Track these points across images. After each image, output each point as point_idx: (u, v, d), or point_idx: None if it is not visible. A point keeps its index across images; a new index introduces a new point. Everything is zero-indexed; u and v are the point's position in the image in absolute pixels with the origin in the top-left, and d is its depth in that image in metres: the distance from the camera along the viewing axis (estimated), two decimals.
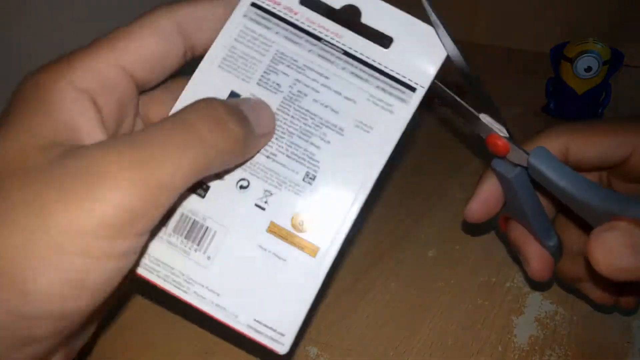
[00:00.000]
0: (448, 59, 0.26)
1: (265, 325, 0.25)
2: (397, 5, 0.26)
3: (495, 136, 0.27)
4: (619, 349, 0.32)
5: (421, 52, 0.26)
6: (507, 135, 0.27)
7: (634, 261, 0.21)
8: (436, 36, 0.25)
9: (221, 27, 0.26)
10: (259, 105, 0.25)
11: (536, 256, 0.30)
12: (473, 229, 0.41)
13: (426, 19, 0.25)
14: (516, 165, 0.27)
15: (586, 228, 0.25)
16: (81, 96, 0.21)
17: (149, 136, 0.20)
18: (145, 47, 0.23)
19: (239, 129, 0.22)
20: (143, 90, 0.25)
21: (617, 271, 0.22)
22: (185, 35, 0.24)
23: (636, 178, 0.27)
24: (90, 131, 0.22)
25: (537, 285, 0.36)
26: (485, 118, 0.27)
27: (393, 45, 0.26)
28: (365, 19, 0.26)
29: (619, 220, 0.22)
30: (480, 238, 0.40)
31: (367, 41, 0.26)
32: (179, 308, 0.33)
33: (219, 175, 0.25)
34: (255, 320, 0.25)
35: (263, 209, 0.25)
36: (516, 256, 0.33)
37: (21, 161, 0.19)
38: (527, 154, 0.26)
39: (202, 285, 0.25)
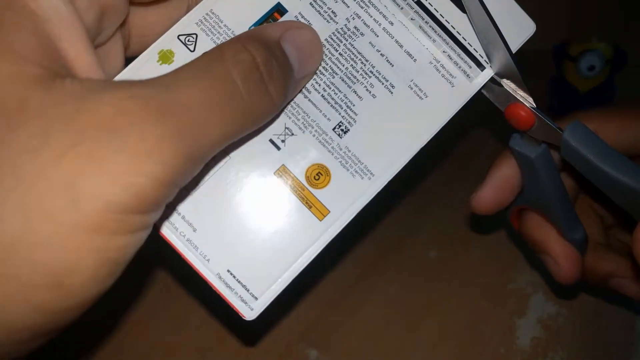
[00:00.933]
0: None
1: (238, 281, 0.20)
2: None
3: (518, 105, 0.23)
4: (622, 350, 0.31)
5: (506, 28, 0.22)
6: (533, 105, 0.23)
7: None
8: (521, 12, 0.22)
9: None
10: (309, 43, 0.20)
11: (564, 254, 0.26)
12: (480, 226, 0.38)
13: None
14: (539, 143, 0.24)
15: (617, 215, 0.23)
16: (62, 2, 0.16)
17: (186, 94, 0.16)
18: None
19: (278, 94, 0.18)
20: (137, 2, 0.20)
21: None
22: None
23: None
24: (79, 51, 0.16)
25: (564, 292, 0.34)
26: (507, 84, 0.23)
27: None
28: None
29: None
30: (482, 238, 0.38)
31: None
32: (178, 308, 0.32)
33: None
34: (227, 270, 0.20)
35: (278, 147, 0.21)
36: (531, 257, 0.30)
37: (17, 104, 0.14)
38: (560, 130, 0.22)
39: (179, 214, 0.20)
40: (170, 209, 0.20)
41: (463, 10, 0.22)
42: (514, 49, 0.22)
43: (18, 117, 0.14)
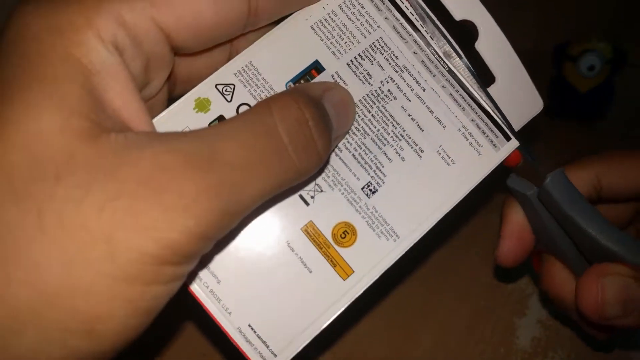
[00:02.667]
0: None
1: (258, 336, 0.20)
2: None
3: None
4: (622, 350, 0.31)
5: (518, 103, 0.23)
6: (518, 143, 0.23)
7: (621, 314, 0.22)
8: (533, 89, 0.23)
9: (301, 4, 0.21)
10: (345, 104, 0.21)
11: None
12: (508, 274, 0.36)
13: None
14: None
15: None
16: (112, 55, 0.16)
17: (229, 150, 0.16)
18: (192, 12, 0.17)
19: (324, 150, 0.19)
20: (182, 53, 0.20)
21: (602, 319, 0.22)
22: (254, 2, 0.19)
23: None
24: (125, 100, 0.17)
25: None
26: None
27: (494, 86, 0.23)
28: (479, 45, 0.23)
29: (620, 265, 0.22)
30: (483, 238, 0.38)
31: (472, 69, 0.23)
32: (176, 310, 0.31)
33: None
34: (249, 325, 0.20)
35: (307, 203, 0.21)
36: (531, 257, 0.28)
37: (65, 157, 0.14)
38: (539, 174, 0.23)
39: (204, 265, 0.20)
40: None
41: (487, 83, 0.23)
42: (519, 126, 0.23)
43: (65, 169, 0.14)
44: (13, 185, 0.14)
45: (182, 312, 0.31)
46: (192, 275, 0.20)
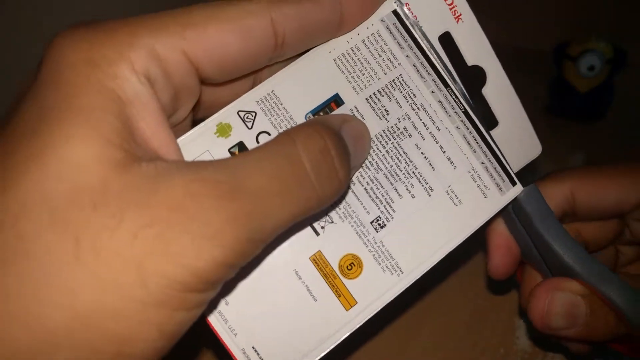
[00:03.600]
0: None
1: (261, 358, 0.21)
2: None
3: None
4: None
5: (518, 146, 0.24)
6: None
7: (565, 326, 0.24)
8: (533, 134, 0.25)
9: (325, 38, 0.22)
10: (362, 137, 0.21)
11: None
12: (502, 285, 0.37)
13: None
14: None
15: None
16: (144, 86, 0.17)
17: (254, 179, 0.17)
18: (222, 46, 0.18)
19: (345, 179, 0.19)
20: (209, 84, 0.20)
21: (547, 329, 0.24)
22: (281, 37, 0.19)
23: None
24: (155, 130, 0.17)
25: None
26: None
27: (497, 129, 0.24)
28: (485, 90, 0.24)
29: (575, 282, 0.23)
30: (483, 237, 0.38)
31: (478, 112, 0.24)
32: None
33: None
34: (252, 347, 0.21)
35: (317, 233, 0.22)
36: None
37: (100, 186, 0.15)
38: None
39: None
40: None
41: (489, 126, 0.24)
42: (518, 168, 0.25)
43: (101, 198, 0.15)
44: (51, 212, 0.15)
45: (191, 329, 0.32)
46: None
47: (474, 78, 0.24)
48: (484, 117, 0.24)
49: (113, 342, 0.15)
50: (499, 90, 0.24)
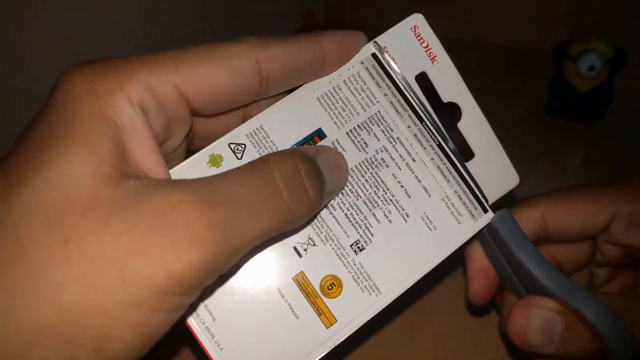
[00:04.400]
0: None
1: None
2: None
3: None
4: None
5: (495, 177, 0.26)
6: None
7: (542, 343, 0.24)
8: (509, 166, 0.26)
9: (309, 78, 0.24)
10: (337, 164, 0.24)
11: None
12: (481, 308, 0.36)
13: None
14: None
15: None
16: (137, 115, 0.19)
17: (232, 191, 0.19)
18: (211, 81, 0.20)
19: (316, 198, 0.21)
20: (200, 115, 0.23)
21: (525, 345, 0.25)
22: (265, 76, 0.22)
23: (621, 243, 0.27)
24: (145, 153, 0.19)
25: None
26: None
27: (472, 161, 0.26)
28: (461, 124, 0.26)
29: (550, 300, 0.24)
30: None
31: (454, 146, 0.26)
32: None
33: None
34: None
35: (300, 255, 0.23)
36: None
37: (91, 196, 0.17)
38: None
39: (203, 302, 0.22)
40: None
41: (465, 158, 0.26)
42: (495, 198, 0.26)
43: (90, 205, 0.17)
44: (47, 217, 0.17)
45: (177, 340, 0.33)
46: (190, 310, 0.22)
47: (450, 113, 0.27)
48: (460, 150, 0.26)
49: (92, 337, 0.17)
50: (474, 125, 0.26)
